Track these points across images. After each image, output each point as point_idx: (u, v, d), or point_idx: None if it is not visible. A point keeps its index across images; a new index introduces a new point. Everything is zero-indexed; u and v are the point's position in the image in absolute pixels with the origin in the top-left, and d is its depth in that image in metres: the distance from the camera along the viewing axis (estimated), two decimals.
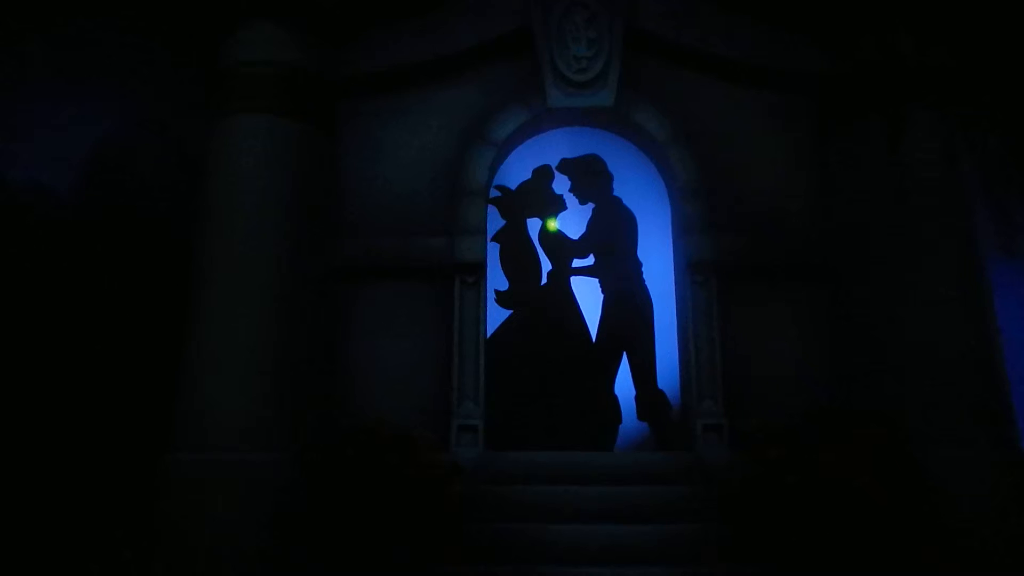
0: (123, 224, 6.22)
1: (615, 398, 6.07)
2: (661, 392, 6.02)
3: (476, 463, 5.40)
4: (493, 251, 6.28)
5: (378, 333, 5.94)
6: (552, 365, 6.05)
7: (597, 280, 6.39)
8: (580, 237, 6.43)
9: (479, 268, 5.89)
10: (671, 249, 6.28)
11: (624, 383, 6.19)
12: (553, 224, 6.47)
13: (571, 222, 6.61)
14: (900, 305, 5.48)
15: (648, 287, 6.31)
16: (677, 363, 6.09)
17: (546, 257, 6.43)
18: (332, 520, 4.83)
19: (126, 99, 6.66)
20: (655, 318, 6.24)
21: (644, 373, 6.05)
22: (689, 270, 5.90)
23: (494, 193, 6.42)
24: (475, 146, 6.13)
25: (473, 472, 5.30)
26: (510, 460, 5.46)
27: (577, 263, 6.41)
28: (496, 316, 6.26)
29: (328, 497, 4.86)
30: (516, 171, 6.59)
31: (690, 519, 5.09)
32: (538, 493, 5.21)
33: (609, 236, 6.32)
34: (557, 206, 6.46)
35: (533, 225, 6.57)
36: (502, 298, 6.29)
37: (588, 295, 6.40)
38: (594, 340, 6.19)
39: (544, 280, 6.39)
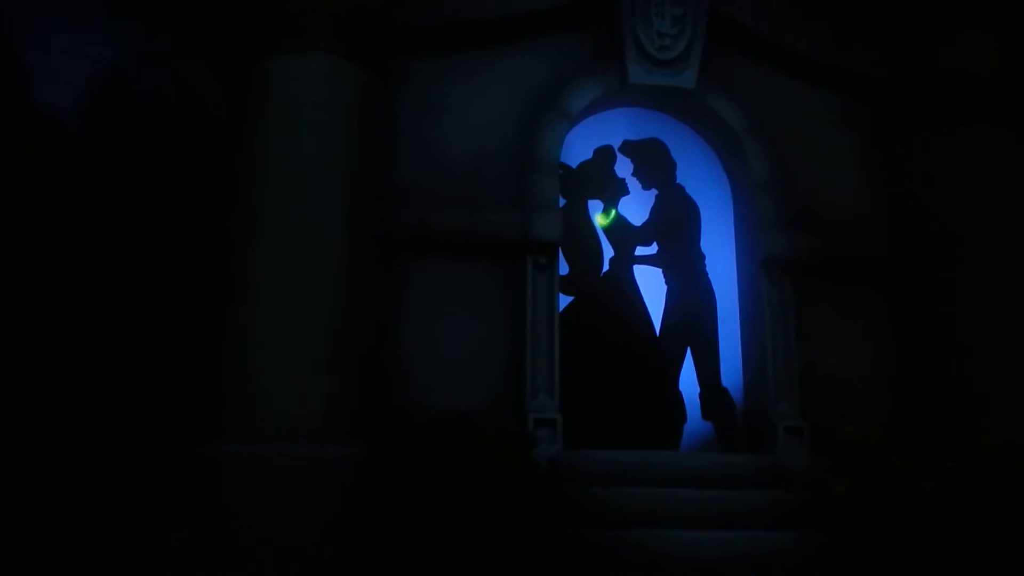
0: (133, 160, 5.26)
1: (680, 395, 5.76)
2: (725, 391, 5.77)
3: (556, 462, 4.92)
4: None
5: (437, 315, 5.32)
6: (616, 358, 5.65)
7: (660, 271, 6.05)
8: (644, 223, 6.08)
9: (554, 248, 5.41)
10: (732, 245, 6.07)
11: (686, 380, 5.89)
12: (613, 209, 6.09)
13: (631, 208, 6.24)
14: (983, 307, 5.54)
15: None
16: (740, 361, 5.86)
17: (608, 243, 6.02)
18: (417, 524, 4.22)
19: (128, 34, 5.71)
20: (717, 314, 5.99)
21: (709, 370, 5.78)
22: (764, 267, 5.68)
23: None
24: (548, 117, 5.63)
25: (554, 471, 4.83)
26: (595, 459, 5.02)
27: (640, 251, 6.06)
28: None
29: (414, 498, 4.24)
30: (576, 149, 6.14)
31: (788, 526, 4.85)
32: (630, 496, 4.81)
33: (674, 225, 6.01)
34: (620, 189, 6.08)
35: (594, 208, 6.14)
36: (562, 284, 5.82)
37: (650, 286, 6.06)
38: (658, 334, 5.85)
39: (606, 267, 5.98)
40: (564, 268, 5.94)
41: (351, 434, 4.66)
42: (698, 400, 5.79)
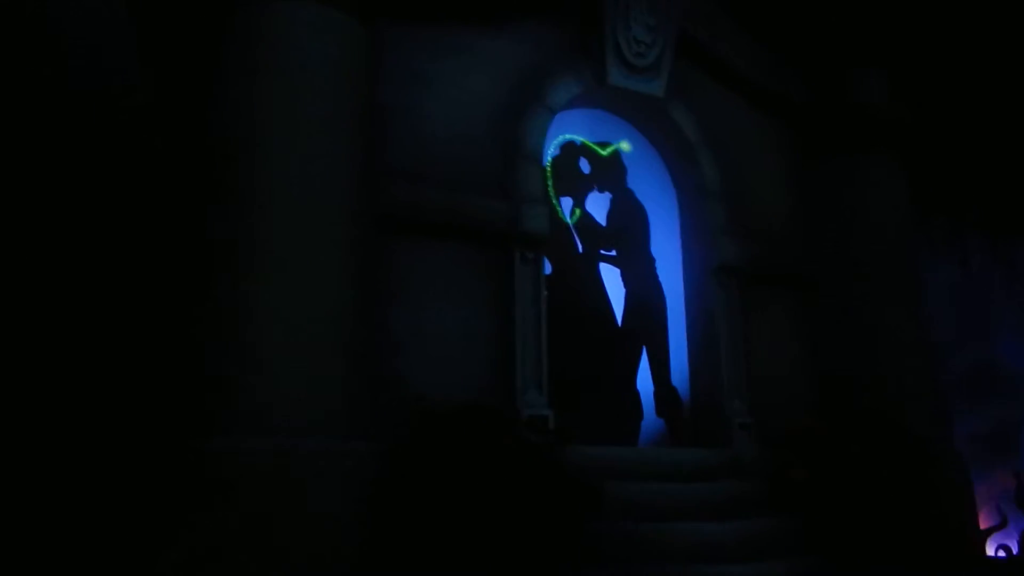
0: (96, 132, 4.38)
1: (638, 393, 5.93)
2: (675, 388, 6.04)
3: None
4: None
5: (424, 301, 5.02)
6: (587, 354, 5.70)
7: (619, 272, 6.19)
8: (607, 224, 6.18)
9: (541, 242, 5.33)
10: (677, 250, 6.37)
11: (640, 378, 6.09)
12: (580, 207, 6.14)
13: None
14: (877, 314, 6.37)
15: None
16: (686, 361, 6.16)
17: (578, 240, 6.05)
18: (451, 518, 3.98)
19: None
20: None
21: (662, 369, 6.02)
22: (716, 272, 6.04)
23: None
24: (534, 108, 5.56)
25: None
26: (587, 455, 4.98)
27: (603, 251, 6.16)
28: None
29: (448, 492, 3.99)
30: None
31: (758, 514, 5.19)
32: (628, 490, 4.87)
33: (629, 227, 6.19)
34: (588, 186, 6.13)
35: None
36: None
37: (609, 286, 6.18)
38: (621, 330, 5.99)
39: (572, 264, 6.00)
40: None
41: (363, 425, 4.26)
42: (651, 398, 6.01)
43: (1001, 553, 6.83)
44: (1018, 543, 6.93)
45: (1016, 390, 8.37)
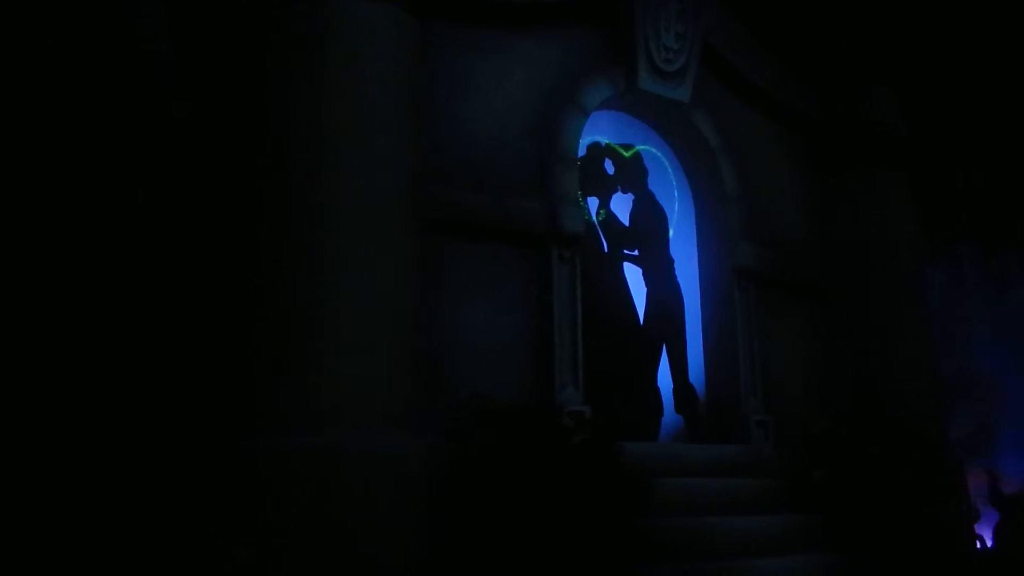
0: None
1: (659, 389, 6.07)
2: (692, 386, 6.20)
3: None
4: None
5: (466, 299, 5.08)
6: (613, 352, 5.81)
7: (640, 271, 6.32)
8: (630, 224, 6.30)
9: (577, 241, 5.43)
10: (694, 253, 6.54)
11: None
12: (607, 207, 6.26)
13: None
14: (887, 323, 6.64)
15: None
16: (702, 360, 6.33)
17: (604, 240, 6.15)
18: (517, 517, 4.04)
19: None
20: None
21: (681, 367, 6.17)
22: (733, 275, 6.22)
23: None
24: (569, 110, 5.66)
25: None
26: (627, 452, 5.11)
27: (626, 251, 6.27)
28: None
29: (515, 491, 4.05)
30: None
31: (781, 510, 5.39)
32: (666, 486, 4.99)
33: (651, 228, 6.32)
34: (612, 187, 6.25)
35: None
36: None
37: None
38: (644, 329, 6.13)
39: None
40: None
41: (419, 425, 4.28)
42: (671, 395, 6.16)
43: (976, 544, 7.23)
44: (992, 536, 7.32)
45: (990, 395, 8.83)
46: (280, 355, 4.00)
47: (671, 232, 6.43)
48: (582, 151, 6.19)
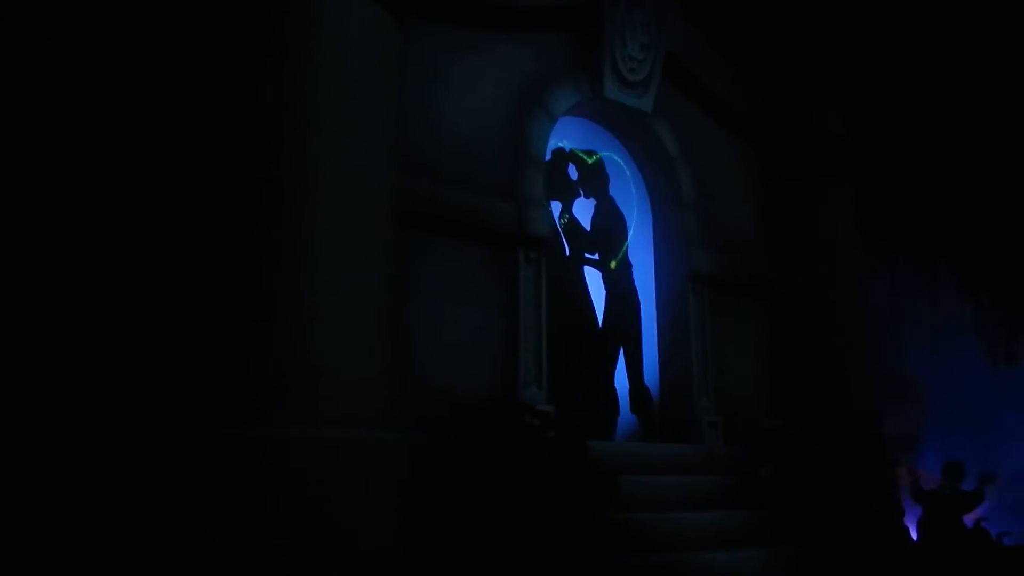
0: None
1: (615, 390, 6.25)
2: (647, 387, 6.40)
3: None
4: None
5: (437, 297, 5.15)
6: (574, 352, 5.96)
7: (600, 275, 6.48)
8: (592, 229, 6.45)
9: (543, 243, 5.57)
10: (650, 258, 6.75)
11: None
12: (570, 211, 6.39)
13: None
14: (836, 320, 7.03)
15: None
16: (656, 362, 6.54)
17: (566, 243, 6.29)
18: (483, 505, 4.14)
19: None
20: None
21: (637, 368, 6.37)
22: (688, 280, 6.45)
23: None
24: (536, 114, 5.80)
25: None
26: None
27: (587, 254, 6.42)
28: None
29: (491, 483, 4.16)
30: None
31: (733, 506, 5.63)
32: (628, 483, 5.15)
33: (611, 233, 6.49)
34: (575, 192, 6.39)
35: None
36: None
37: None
38: (602, 330, 6.29)
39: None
40: None
41: (396, 418, 4.33)
42: (627, 395, 6.35)
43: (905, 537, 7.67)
44: (916, 530, 7.77)
45: (919, 396, 9.34)
46: (271, 348, 3.98)
47: (629, 237, 6.63)
48: (548, 156, 6.33)
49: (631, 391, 6.36)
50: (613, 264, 6.43)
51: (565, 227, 6.35)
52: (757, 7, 7.27)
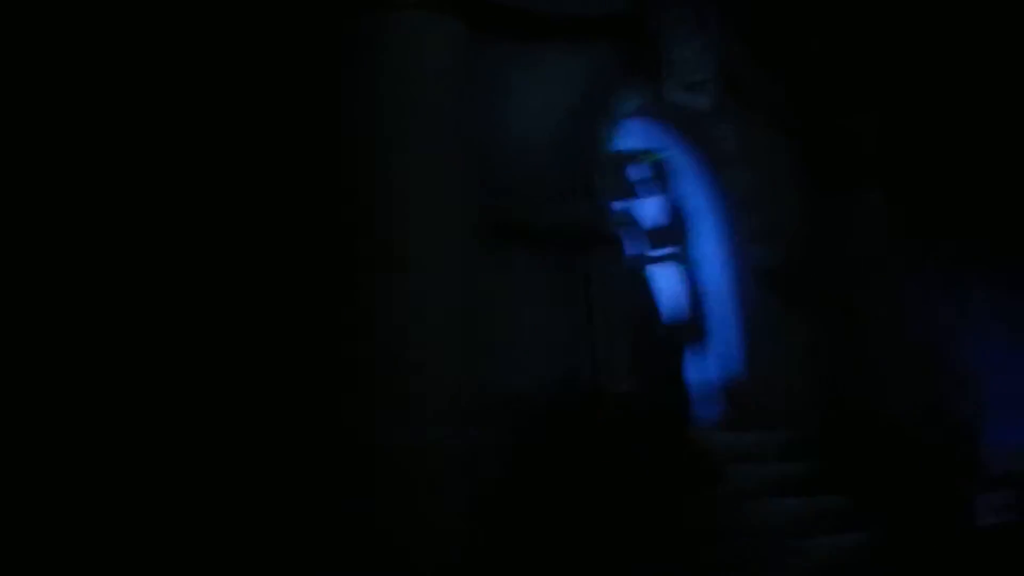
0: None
1: (686, 383, 6.34)
2: (717, 379, 6.47)
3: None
4: None
5: (509, 300, 5.26)
6: (646, 348, 6.04)
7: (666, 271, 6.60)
8: (655, 226, 6.60)
9: (614, 242, 5.71)
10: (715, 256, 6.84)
11: None
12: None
13: None
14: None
15: None
16: (728, 355, 6.60)
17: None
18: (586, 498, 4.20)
19: None
20: None
21: (702, 362, 6.46)
22: (751, 276, 6.56)
23: None
24: (602, 118, 5.94)
25: None
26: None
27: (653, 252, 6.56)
28: None
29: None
30: None
31: (813, 492, 5.68)
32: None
33: (675, 231, 6.62)
34: (639, 190, 6.54)
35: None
36: None
37: None
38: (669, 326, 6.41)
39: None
40: None
41: (481, 419, 4.43)
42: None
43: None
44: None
45: (973, 388, 9.35)
46: (365, 351, 4.13)
47: (692, 234, 6.74)
48: (614, 157, 6.47)
49: (696, 384, 6.43)
50: (677, 260, 6.56)
51: (631, 225, 6.47)
52: (793, 22, 7.48)
